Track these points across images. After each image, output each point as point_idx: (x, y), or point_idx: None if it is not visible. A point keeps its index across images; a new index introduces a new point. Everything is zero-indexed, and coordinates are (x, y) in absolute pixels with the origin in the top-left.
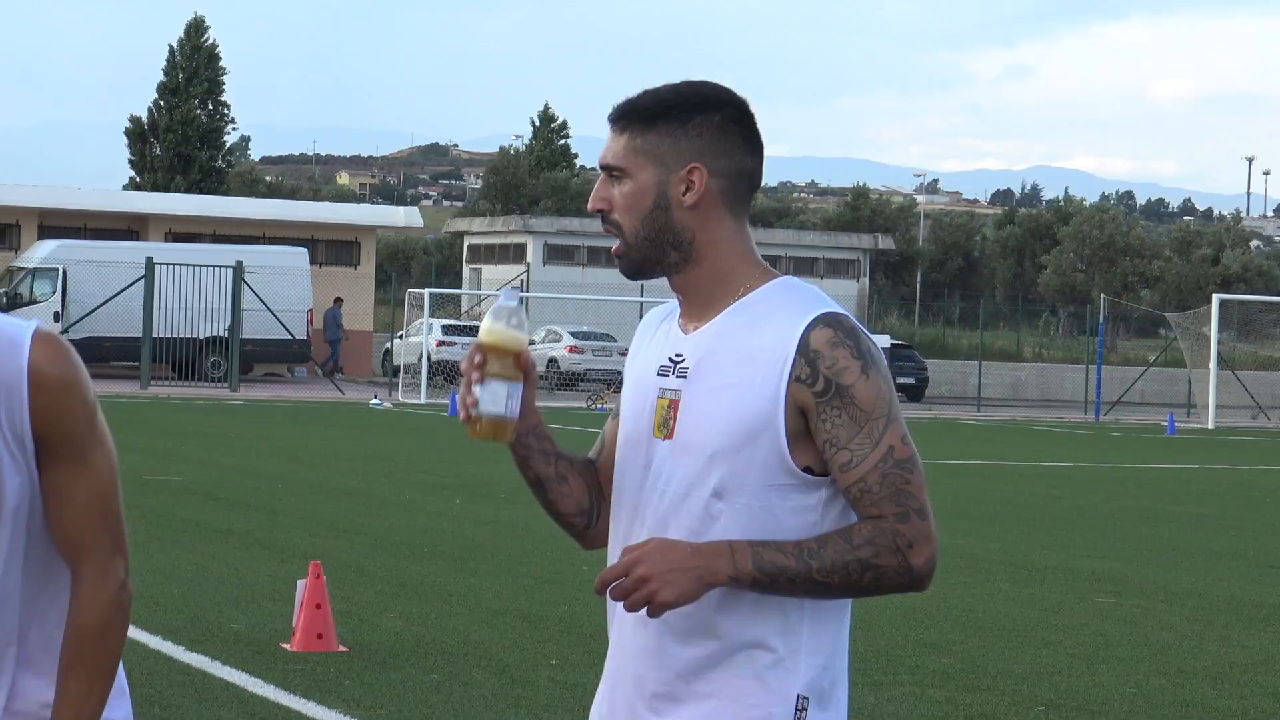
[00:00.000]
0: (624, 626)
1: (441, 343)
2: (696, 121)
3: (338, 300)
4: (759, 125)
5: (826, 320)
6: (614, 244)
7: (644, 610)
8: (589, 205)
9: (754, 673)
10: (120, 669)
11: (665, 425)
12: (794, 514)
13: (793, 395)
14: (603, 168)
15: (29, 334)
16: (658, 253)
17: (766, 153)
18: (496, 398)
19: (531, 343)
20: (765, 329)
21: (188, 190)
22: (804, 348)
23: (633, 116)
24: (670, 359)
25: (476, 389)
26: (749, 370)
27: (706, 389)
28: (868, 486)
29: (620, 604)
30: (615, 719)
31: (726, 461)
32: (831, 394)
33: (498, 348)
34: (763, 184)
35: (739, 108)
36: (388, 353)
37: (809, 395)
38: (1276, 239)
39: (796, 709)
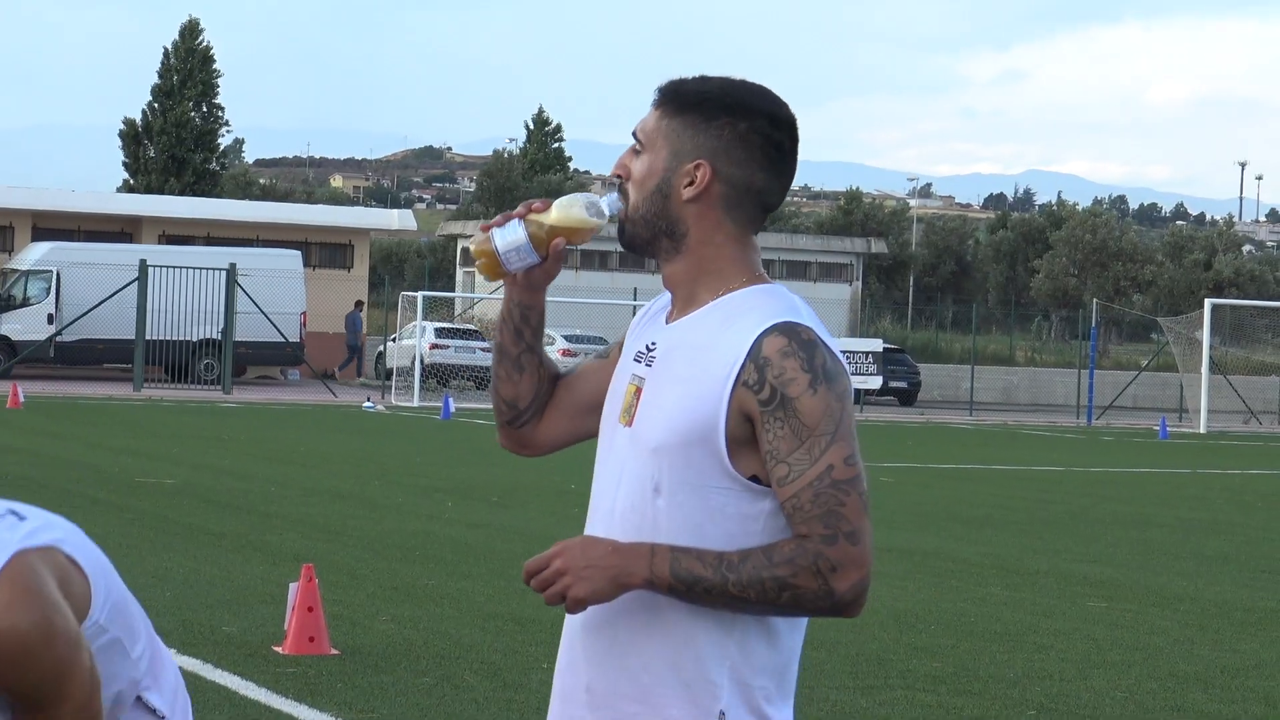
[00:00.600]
0: (573, 634)
1: (435, 346)
2: (722, 122)
3: (358, 304)
4: (792, 147)
5: (782, 329)
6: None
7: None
8: (611, 170)
9: (681, 683)
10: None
11: (628, 412)
12: (735, 522)
13: (737, 399)
14: (633, 135)
15: None
16: (651, 234)
17: None
18: (510, 240)
19: None
20: (728, 330)
21: (181, 193)
22: (754, 353)
23: (670, 97)
24: (647, 346)
25: (513, 222)
26: (701, 368)
27: (663, 381)
28: (800, 504)
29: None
30: None
31: (667, 457)
32: (776, 404)
33: (557, 220)
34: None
35: (776, 124)
36: (381, 355)
37: (754, 402)
38: (1269, 244)
39: None
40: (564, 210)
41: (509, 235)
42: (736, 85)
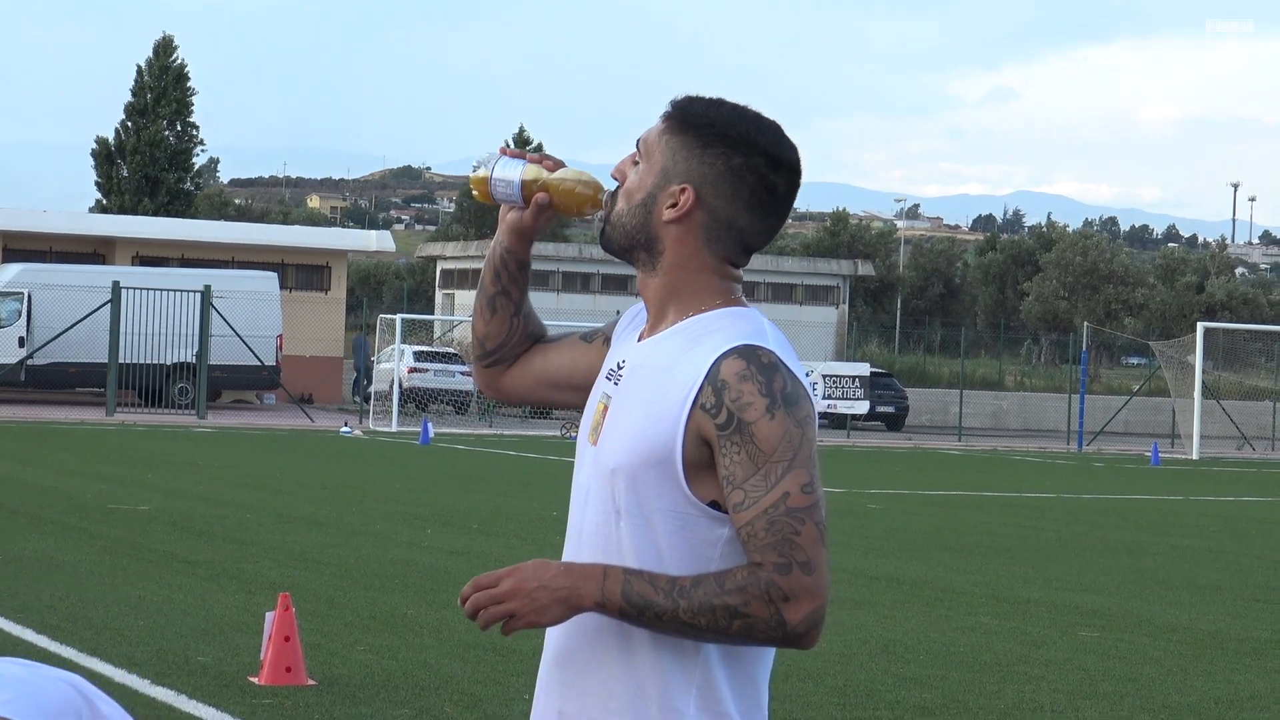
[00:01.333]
0: (547, 661)
1: (413, 369)
2: (717, 151)
3: (365, 327)
4: (786, 192)
5: (741, 351)
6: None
7: (501, 629)
8: (611, 171)
9: (647, 710)
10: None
11: (596, 430)
12: (694, 547)
13: (695, 422)
14: (636, 143)
15: None
16: (629, 243)
17: None
18: (505, 173)
19: None
20: (690, 352)
21: (155, 213)
22: (712, 375)
23: (677, 114)
24: (618, 364)
25: (521, 161)
26: (660, 389)
27: (626, 401)
28: (754, 531)
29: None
30: None
31: (625, 479)
32: (732, 429)
33: (554, 179)
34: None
35: (774, 165)
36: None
37: (712, 426)
38: (1262, 266)
39: None
40: (565, 175)
41: (507, 168)
42: (745, 117)
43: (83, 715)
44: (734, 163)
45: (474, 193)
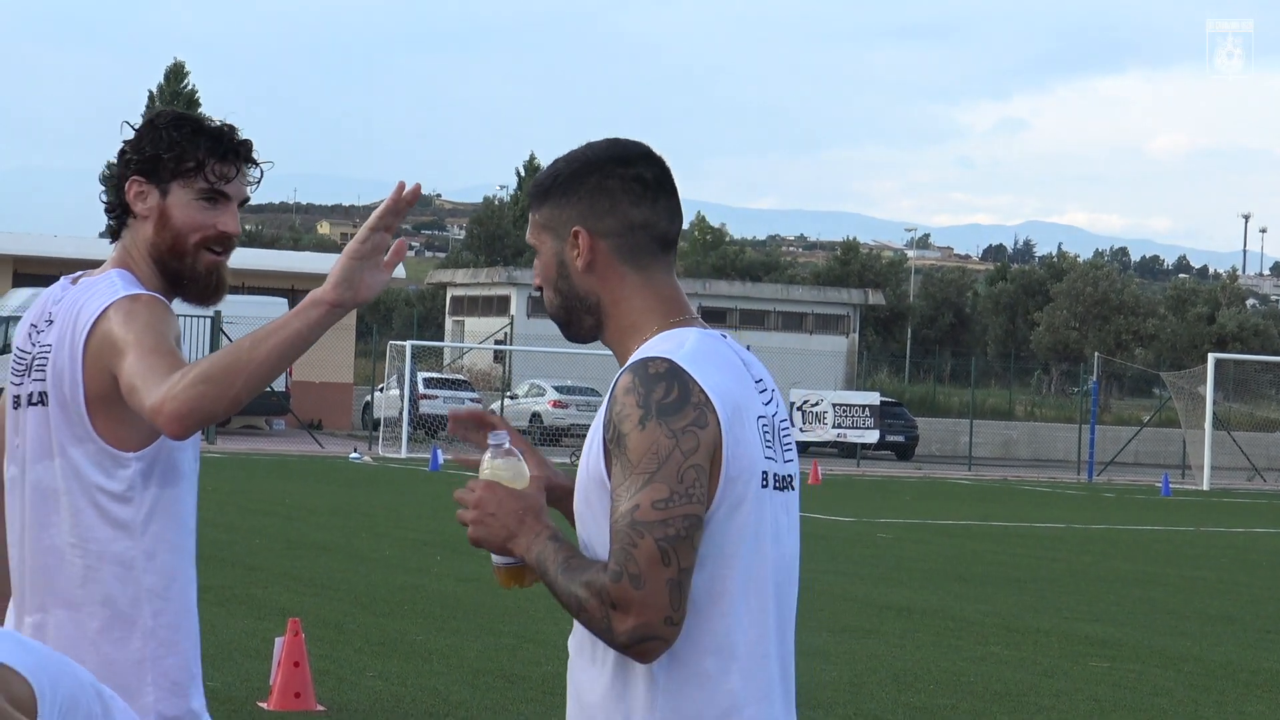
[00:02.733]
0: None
1: (423, 396)
2: (575, 187)
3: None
4: (656, 176)
5: (634, 366)
6: None
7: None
8: (533, 284)
9: None
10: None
11: None
12: None
13: (606, 441)
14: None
15: None
16: (574, 317)
17: (756, 204)
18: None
19: (514, 396)
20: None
21: None
22: (612, 394)
23: (534, 194)
24: None
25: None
26: (598, 417)
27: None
28: (612, 536)
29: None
30: None
31: (580, 498)
32: (615, 442)
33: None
34: (682, 230)
35: (625, 163)
36: (368, 406)
37: (609, 441)
38: (1273, 298)
39: None
40: (494, 475)
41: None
42: (579, 151)
43: (94, 713)
44: (591, 183)
45: (523, 586)
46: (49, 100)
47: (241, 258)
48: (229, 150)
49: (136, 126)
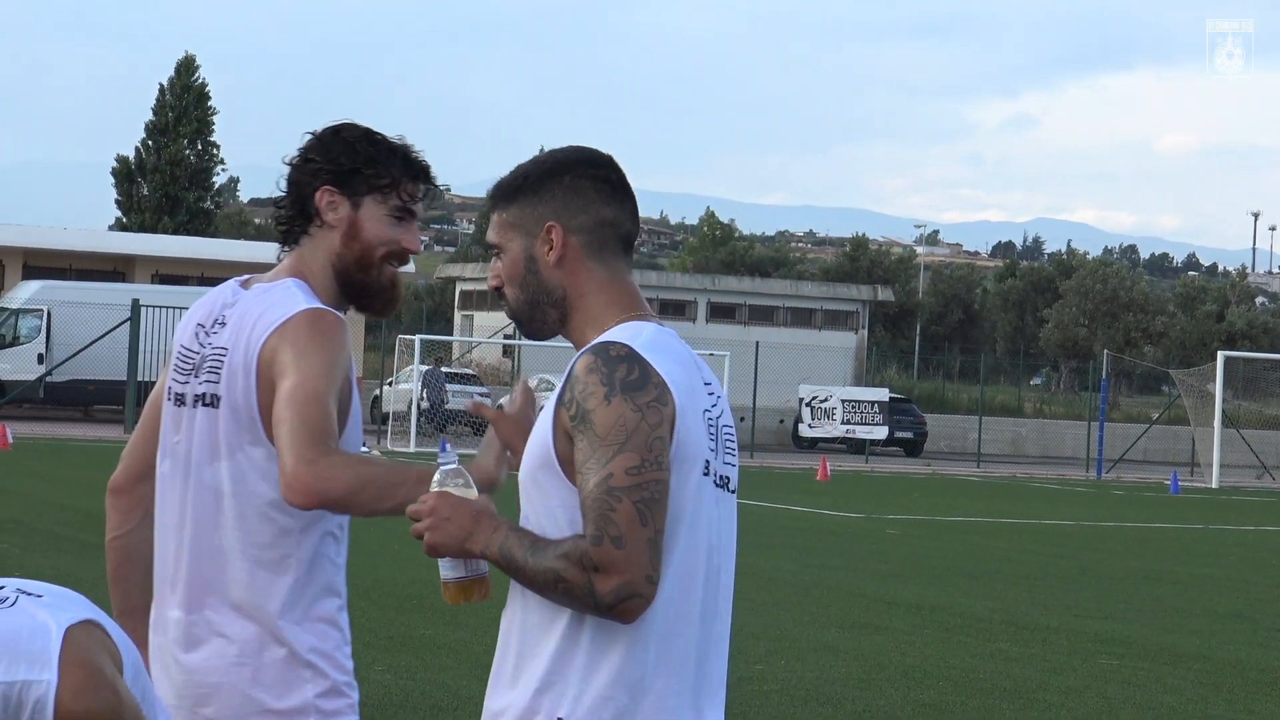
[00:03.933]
0: None
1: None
2: (548, 186)
3: (437, 360)
4: (620, 179)
5: (595, 348)
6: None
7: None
8: (487, 284)
9: (531, 693)
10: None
11: None
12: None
13: (560, 420)
14: (488, 247)
15: (57, 647)
16: (539, 313)
17: (765, 200)
18: (456, 561)
19: None
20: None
21: (175, 231)
22: (570, 374)
23: (498, 195)
24: None
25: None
26: (549, 403)
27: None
28: (584, 508)
29: None
30: None
31: (528, 482)
32: (579, 419)
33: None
34: (641, 228)
35: (594, 165)
36: (376, 399)
37: (569, 420)
38: None
39: None
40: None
41: (451, 561)
42: (544, 155)
43: (145, 679)
44: (565, 182)
45: (476, 601)
46: (59, 93)
47: (251, 251)
48: (419, 171)
49: (316, 134)
